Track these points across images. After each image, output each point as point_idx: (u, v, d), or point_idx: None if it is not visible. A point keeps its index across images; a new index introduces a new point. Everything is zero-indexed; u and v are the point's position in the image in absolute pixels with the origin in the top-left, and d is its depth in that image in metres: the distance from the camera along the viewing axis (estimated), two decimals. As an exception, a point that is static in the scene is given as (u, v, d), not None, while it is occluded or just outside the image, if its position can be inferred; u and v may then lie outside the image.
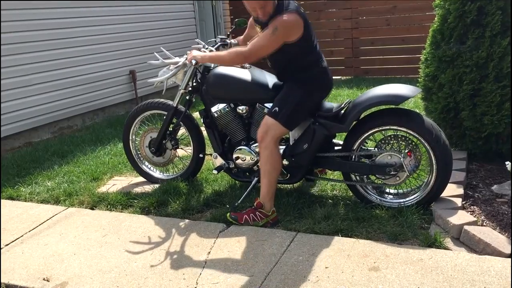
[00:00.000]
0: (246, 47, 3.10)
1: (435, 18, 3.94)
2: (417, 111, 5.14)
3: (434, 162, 3.06)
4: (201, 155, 3.90)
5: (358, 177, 3.34)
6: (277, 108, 3.14)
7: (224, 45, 3.81)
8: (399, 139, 3.19)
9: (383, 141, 3.23)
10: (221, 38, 3.85)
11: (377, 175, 3.26)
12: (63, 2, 6.23)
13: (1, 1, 5.38)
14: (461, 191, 3.28)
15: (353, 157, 3.29)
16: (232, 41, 3.85)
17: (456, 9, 3.66)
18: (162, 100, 3.94)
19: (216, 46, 3.76)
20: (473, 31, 3.62)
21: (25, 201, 4.01)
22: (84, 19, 6.56)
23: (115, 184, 4.18)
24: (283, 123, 3.13)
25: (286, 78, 3.27)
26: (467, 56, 3.63)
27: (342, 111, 3.27)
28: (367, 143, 3.38)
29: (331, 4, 9.03)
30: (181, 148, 4.08)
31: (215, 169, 3.62)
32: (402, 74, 8.40)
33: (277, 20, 2.95)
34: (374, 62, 8.90)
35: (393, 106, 3.21)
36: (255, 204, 3.21)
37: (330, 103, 3.33)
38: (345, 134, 3.33)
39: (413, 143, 3.15)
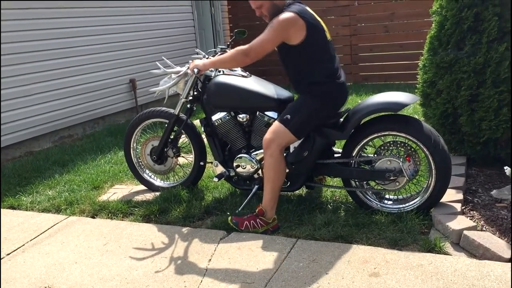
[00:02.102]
0: (247, 45, 3.11)
1: (432, 25, 3.97)
2: (416, 117, 5.17)
3: (433, 167, 3.07)
4: (201, 163, 3.92)
5: (358, 183, 3.36)
6: (289, 116, 3.12)
7: None
8: (398, 145, 3.20)
9: (382, 147, 3.25)
10: (221, 48, 3.86)
11: (377, 181, 3.27)
12: (63, 12, 6.27)
13: (1, 7, 5.42)
14: (460, 196, 3.29)
15: (353, 163, 3.30)
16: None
17: (453, 16, 3.69)
18: (163, 108, 3.96)
19: (217, 56, 3.76)
20: (470, 37, 3.65)
21: (26, 210, 4.02)
22: (84, 29, 6.60)
23: (116, 193, 4.20)
24: (293, 131, 3.12)
25: (300, 89, 3.23)
26: (464, 62, 3.65)
27: (341, 119, 3.29)
28: (366, 149, 3.39)
29: (330, 11, 9.07)
30: (182, 156, 4.09)
31: (216, 177, 3.63)
32: (401, 80, 8.43)
33: (275, 19, 3.02)
34: (373, 68, 8.94)
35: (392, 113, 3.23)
36: (257, 210, 3.22)
37: None
38: (344, 140, 3.35)
39: (412, 149, 3.17)
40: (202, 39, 9.45)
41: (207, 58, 3.69)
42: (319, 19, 3.14)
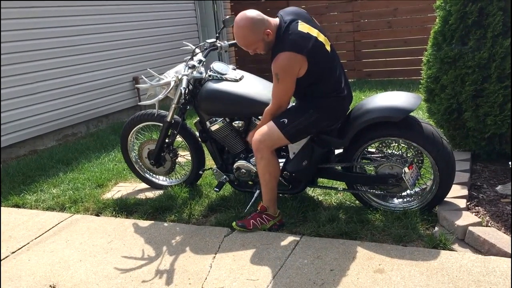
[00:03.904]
0: (271, 103, 3.08)
1: (436, 20, 3.94)
2: (420, 113, 5.16)
3: (436, 170, 3.02)
4: (200, 172, 3.89)
5: (360, 187, 3.32)
6: (286, 120, 3.04)
7: (214, 49, 3.72)
8: (400, 142, 3.17)
9: (383, 144, 3.21)
10: (210, 43, 3.72)
11: (379, 186, 3.24)
12: (66, 11, 6.28)
13: (4, 6, 5.43)
14: (465, 192, 3.27)
15: (354, 167, 3.27)
16: (222, 43, 3.72)
17: (457, 11, 3.66)
18: (154, 110, 3.80)
19: (206, 52, 3.69)
20: (474, 32, 3.62)
21: (31, 209, 4.03)
22: (87, 27, 6.61)
23: (119, 191, 4.20)
24: (288, 136, 3.05)
25: (301, 98, 3.15)
26: (469, 57, 3.62)
27: (340, 124, 3.19)
28: (367, 148, 3.34)
29: (333, 8, 9.06)
30: (182, 156, 4.06)
31: (216, 187, 3.59)
32: (405, 76, 8.41)
33: (274, 66, 2.89)
34: (377, 64, 8.92)
35: None
36: (259, 208, 3.21)
37: None
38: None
39: (413, 146, 3.12)
40: (204, 37, 9.44)
41: (196, 54, 3.64)
42: (315, 33, 2.94)
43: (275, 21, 2.99)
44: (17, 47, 5.62)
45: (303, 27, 2.92)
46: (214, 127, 3.52)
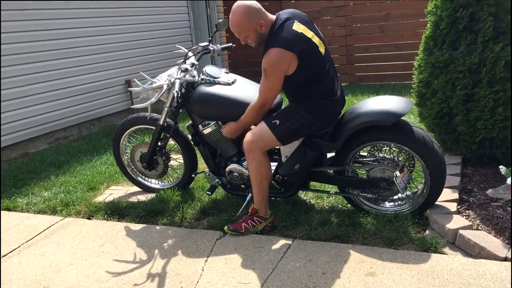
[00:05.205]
0: (256, 99, 3.08)
1: (428, 25, 3.97)
2: (412, 117, 5.19)
3: (428, 173, 3.04)
4: (193, 175, 3.89)
5: (352, 191, 3.33)
6: (277, 121, 3.04)
7: (207, 53, 3.72)
8: (392, 145, 3.19)
9: (375, 148, 3.23)
10: (202, 46, 3.73)
11: (371, 190, 3.25)
12: (59, 14, 6.26)
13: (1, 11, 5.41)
14: (456, 195, 3.29)
15: (346, 171, 3.29)
16: (215, 47, 3.74)
17: (448, 16, 3.70)
18: (147, 114, 3.78)
19: (198, 56, 3.69)
20: (465, 37, 3.65)
21: (22, 212, 4.00)
22: (80, 30, 6.60)
23: (111, 194, 4.19)
24: (279, 138, 3.06)
25: (294, 99, 3.14)
26: (459, 62, 3.66)
27: (332, 128, 3.20)
28: (359, 152, 3.35)
29: (326, 12, 9.10)
30: (174, 159, 4.06)
31: (209, 190, 3.59)
32: (397, 80, 8.45)
33: (264, 61, 2.90)
34: (369, 68, 8.96)
35: None
36: (250, 210, 3.22)
37: None
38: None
39: (404, 150, 3.14)
40: (198, 40, 9.45)
41: (189, 57, 3.64)
42: (309, 35, 2.97)
43: (272, 16, 3.02)
44: (9, 50, 5.59)
45: (297, 26, 2.94)
46: (206, 131, 3.52)
